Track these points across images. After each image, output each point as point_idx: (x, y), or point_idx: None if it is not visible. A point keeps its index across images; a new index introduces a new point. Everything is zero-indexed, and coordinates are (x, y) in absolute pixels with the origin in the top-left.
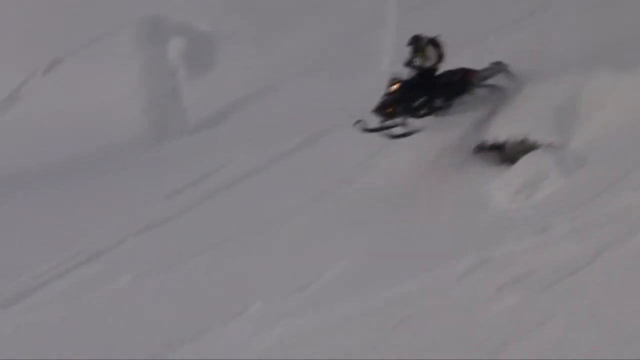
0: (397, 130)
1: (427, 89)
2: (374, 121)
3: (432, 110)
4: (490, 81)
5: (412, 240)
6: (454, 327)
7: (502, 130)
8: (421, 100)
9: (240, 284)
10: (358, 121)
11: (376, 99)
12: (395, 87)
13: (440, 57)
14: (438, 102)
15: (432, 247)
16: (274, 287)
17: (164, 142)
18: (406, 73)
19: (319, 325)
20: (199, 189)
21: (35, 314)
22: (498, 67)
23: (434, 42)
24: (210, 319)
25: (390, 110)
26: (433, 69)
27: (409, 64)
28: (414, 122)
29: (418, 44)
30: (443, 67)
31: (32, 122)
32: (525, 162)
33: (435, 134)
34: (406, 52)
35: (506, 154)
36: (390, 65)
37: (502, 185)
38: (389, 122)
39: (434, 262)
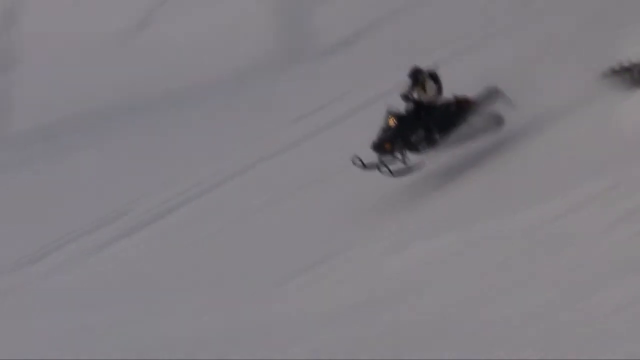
0: (398, 167)
1: (424, 122)
2: (373, 157)
3: (431, 144)
4: (487, 109)
5: (538, 167)
6: (575, 256)
7: (631, 53)
8: (419, 134)
9: (370, 207)
10: (355, 157)
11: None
12: (391, 121)
13: (438, 91)
14: (436, 136)
15: (559, 173)
16: (404, 210)
17: (292, 66)
18: (403, 106)
19: (453, 246)
20: (326, 113)
21: (168, 236)
22: (493, 93)
23: (433, 76)
24: (345, 240)
25: (388, 146)
26: (430, 103)
27: (406, 97)
28: (413, 157)
29: (419, 77)
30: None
31: (163, 45)
32: None
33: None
34: None
35: (635, 77)
36: None
37: (631, 109)
38: (388, 158)
39: (559, 188)
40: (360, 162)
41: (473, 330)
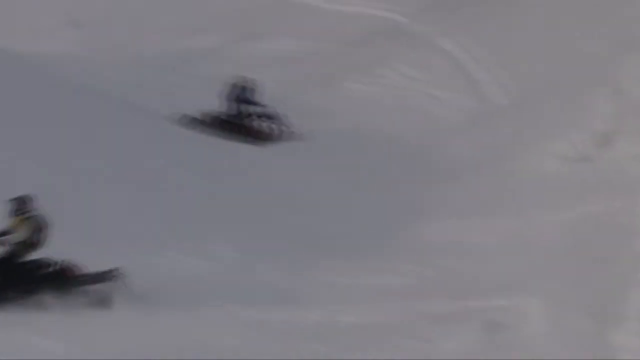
0: None
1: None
2: None
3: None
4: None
5: None
6: None
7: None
8: None
9: None
10: None
11: None
12: None
13: (34, 243)
14: (10, 294)
15: None
16: None
17: None
18: None
19: None
20: None
21: None
22: (107, 276)
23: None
24: None
25: None
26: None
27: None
28: None
29: (23, 207)
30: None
31: None
32: None
33: None
34: None
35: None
36: None
37: None
38: None
39: None
40: None
41: None
